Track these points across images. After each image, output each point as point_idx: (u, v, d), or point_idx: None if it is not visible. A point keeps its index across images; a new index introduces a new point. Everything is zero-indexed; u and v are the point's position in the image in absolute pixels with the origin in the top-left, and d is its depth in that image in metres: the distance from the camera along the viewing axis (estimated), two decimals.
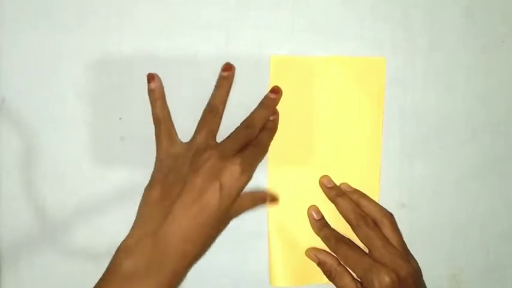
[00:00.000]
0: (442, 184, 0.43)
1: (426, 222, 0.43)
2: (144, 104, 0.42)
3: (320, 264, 0.41)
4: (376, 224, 0.40)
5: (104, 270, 0.41)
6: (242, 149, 0.39)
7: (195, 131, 0.40)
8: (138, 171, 0.42)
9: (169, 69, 0.42)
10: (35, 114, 0.42)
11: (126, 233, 0.42)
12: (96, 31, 0.42)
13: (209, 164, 0.37)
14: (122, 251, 0.36)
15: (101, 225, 0.42)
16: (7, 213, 0.42)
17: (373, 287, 0.37)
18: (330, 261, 0.40)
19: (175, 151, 0.39)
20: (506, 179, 0.43)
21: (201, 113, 0.41)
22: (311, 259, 0.42)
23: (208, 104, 0.41)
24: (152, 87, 0.40)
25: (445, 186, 0.43)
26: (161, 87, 0.40)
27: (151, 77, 0.40)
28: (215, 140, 0.40)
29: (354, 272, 0.39)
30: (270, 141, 0.41)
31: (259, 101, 0.42)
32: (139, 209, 0.38)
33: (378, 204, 0.42)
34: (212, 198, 0.36)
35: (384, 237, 0.39)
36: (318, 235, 0.42)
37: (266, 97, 0.41)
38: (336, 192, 0.42)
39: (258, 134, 0.40)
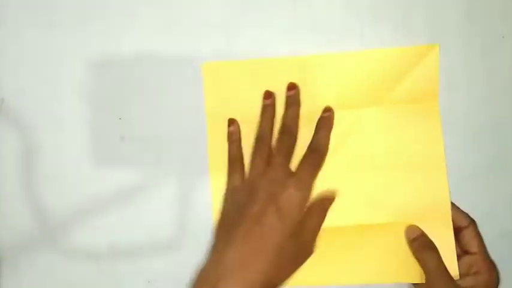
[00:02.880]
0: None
1: None
2: (144, 104, 0.42)
3: None
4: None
5: (103, 270, 0.41)
6: (302, 159, 0.39)
7: (249, 161, 0.40)
8: (138, 171, 0.42)
9: (169, 69, 0.42)
10: (35, 114, 0.42)
11: (126, 233, 0.42)
12: (96, 31, 0.42)
13: (263, 191, 0.37)
14: (196, 280, 0.36)
15: (101, 225, 0.42)
16: (7, 213, 0.42)
17: None
18: None
19: (238, 188, 0.40)
20: (506, 179, 0.43)
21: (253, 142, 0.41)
22: None
23: (257, 134, 0.41)
24: (231, 130, 0.41)
25: None
26: (239, 131, 0.41)
27: (231, 122, 0.41)
28: (267, 164, 0.39)
29: None
30: (328, 142, 0.40)
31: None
32: (211, 247, 0.38)
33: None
34: (270, 222, 0.35)
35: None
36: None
37: (287, 97, 0.41)
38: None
39: (313, 136, 0.40)
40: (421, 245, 0.40)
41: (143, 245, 0.43)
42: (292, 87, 0.41)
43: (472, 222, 0.40)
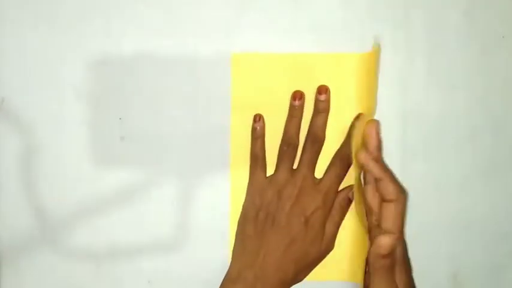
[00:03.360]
0: (442, 184, 0.43)
1: (426, 222, 0.43)
2: (144, 104, 0.42)
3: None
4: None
5: (103, 270, 0.41)
6: (330, 167, 0.41)
7: (276, 165, 0.41)
8: (138, 171, 0.42)
9: (169, 69, 0.42)
10: (35, 114, 0.42)
11: (126, 233, 0.42)
12: (96, 31, 0.42)
13: (291, 200, 0.40)
14: (228, 281, 0.40)
15: (101, 225, 0.42)
16: (7, 213, 0.42)
17: None
18: None
19: (263, 188, 0.41)
20: (506, 178, 0.43)
21: (279, 147, 0.42)
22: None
23: (283, 137, 0.41)
24: (256, 126, 0.41)
25: (445, 186, 0.43)
26: (264, 128, 0.42)
27: (257, 117, 0.41)
28: (293, 169, 0.41)
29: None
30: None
31: None
32: (236, 242, 0.41)
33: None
34: (298, 232, 0.39)
35: None
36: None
37: (317, 101, 0.41)
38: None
39: (343, 143, 0.41)
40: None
41: (143, 245, 0.43)
42: (323, 91, 0.41)
43: (400, 197, 0.37)
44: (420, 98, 0.42)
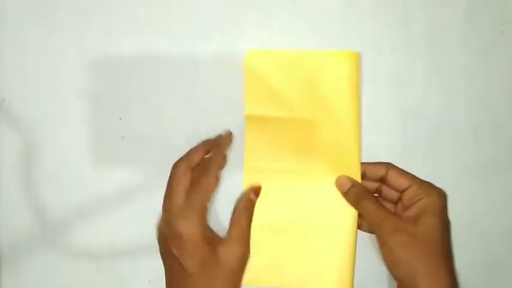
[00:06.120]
0: (442, 184, 0.43)
1: None
2: (144, 104, 0.42)
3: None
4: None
5: (104, 269, 0.41)
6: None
7: None
8: (138, 171, 0.42)
9: (169, 69, 0.42)
10: (35, 114, 0.42)
11: (126, 233, 0.42)
12: (96, 31, 0.42)
13: (162, 244, 0.39)
14: None
15: (101, 225, 0.42)
16: (7, 213, 0.42)
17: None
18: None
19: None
20: (506, 178, 0.43)
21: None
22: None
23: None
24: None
25: (445, 186, 0.43)
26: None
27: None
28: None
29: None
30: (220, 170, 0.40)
31: None
32: None
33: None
34: (175, 272, 0.38)
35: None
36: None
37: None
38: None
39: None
40: (355, 195, 0.40)
41: (143, 245, 0.43)
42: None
43: (389, 164, 0.40)
44: (420, 98, 0.42)
